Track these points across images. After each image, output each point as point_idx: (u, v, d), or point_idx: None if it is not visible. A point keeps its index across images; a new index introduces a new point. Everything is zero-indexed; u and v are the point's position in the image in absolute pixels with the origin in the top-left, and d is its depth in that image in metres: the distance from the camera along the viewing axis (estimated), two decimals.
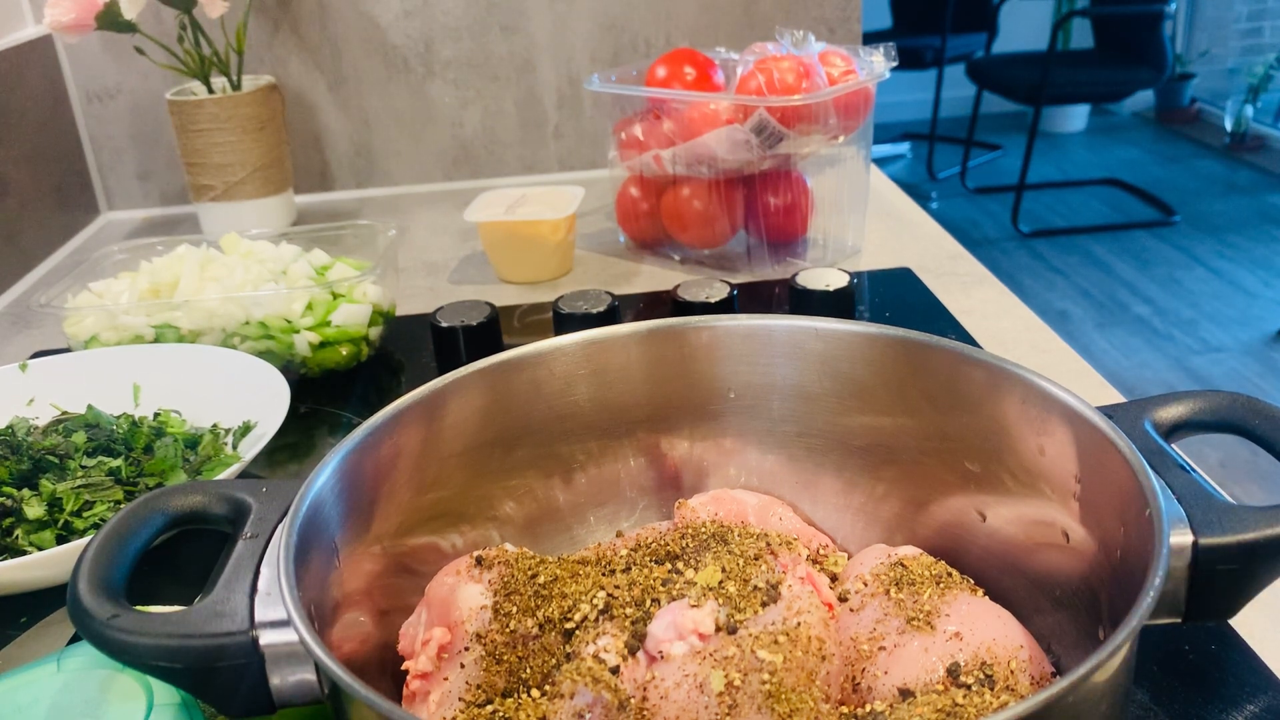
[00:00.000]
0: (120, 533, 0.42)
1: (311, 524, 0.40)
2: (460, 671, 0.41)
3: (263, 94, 1.08)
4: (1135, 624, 0.32)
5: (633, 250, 1.02)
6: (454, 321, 0.77)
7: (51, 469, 0.60)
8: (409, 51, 1.21)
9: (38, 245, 1.10)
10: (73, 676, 0.42)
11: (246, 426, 0.65)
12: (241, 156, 1.07)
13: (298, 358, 0.76)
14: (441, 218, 1.16)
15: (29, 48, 1.12)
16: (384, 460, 0.45)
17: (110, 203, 1.25)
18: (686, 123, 0.91)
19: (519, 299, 0.93)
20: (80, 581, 0.39)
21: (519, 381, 0.50)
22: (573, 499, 0.52)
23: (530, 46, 1.22)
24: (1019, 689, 0.39)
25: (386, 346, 0.83)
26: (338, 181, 1.26)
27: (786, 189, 0.95)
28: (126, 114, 1.21)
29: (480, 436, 0.49)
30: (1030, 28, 4.26)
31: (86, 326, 0.77)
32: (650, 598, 0.42)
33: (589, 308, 0.78)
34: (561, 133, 1.26)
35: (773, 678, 0.37)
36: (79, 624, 0.38)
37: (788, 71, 0.87)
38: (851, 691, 0.40)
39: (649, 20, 1.21)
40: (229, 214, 1.08)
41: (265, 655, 0.37)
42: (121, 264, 0.85)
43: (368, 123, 1.24)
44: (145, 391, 0.70)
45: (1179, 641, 0.48)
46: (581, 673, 0.38)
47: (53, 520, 0.57)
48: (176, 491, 0.44)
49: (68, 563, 0.52)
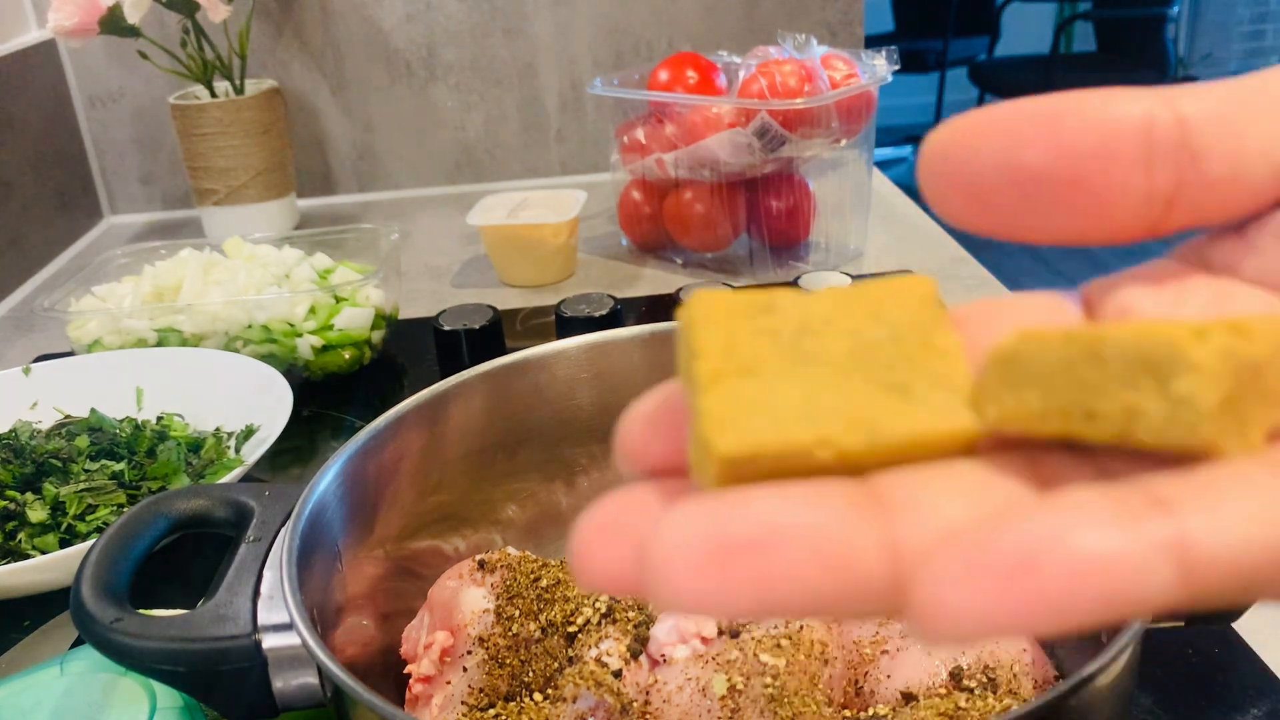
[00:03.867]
0: (123, 536, 0.42)
1: (314, 528, 0.40)
2: (463, 675, 0.41)
3: (265, 98, 1.08)
4: (1138, 627, 0.32)
5: (635, 254, 1.02)
6: (456, 325, 0.77)
7: (55, 472, 0.60)
8: (411, 55, 1.21)
9: (41, 249, 1.11)
10: (76, 680, 0.42)
11: (249, 430, 0.65)
12: (244, 160, 1.07)
13: (300, 361, 0.76)
14: (444, 221, 1.16)
15: (32, 52, 1.12)
16: (387, 464, 0.45)
17: (113, 207, 1.26)
18: (688, 126, 0.91)
19: (522, 302, 0.93)
20: (83, 585, 0.39)
21: (522, 385, 0.50)
22: (575, 502, 0.52)
23: (532, 50, 1.22)
24: (1022, 693, 0.38)
25: (389, 350, 0.83)
26: (340, 185, 1.27)
27: (789, 192, 0.95)
28: (129, 118, 1.22)
29: (483, 440, 0.49)
30: (1033, 31, 4.26)
31: (90, 330, 0.77)
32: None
33: (591, 311, 0.78)
34: (564, 136, 1.26)
35: (775, 681, 0.37)
36: (82, 627, 0.38)
37: (790, 75, 0.87)
38: (854, 695, 0.40)
39: (651, 24, 1.21)
40: (232, 218, 1.08)
41: (268, 659, 0.37)
42: (124, 268, 0.85)
43: (370, 127, 1.24)
44: (148, 395, 0.71)
45: (1182, 645, 0.48)
46: (584, 676, 0.38)
47: (56, 524, 0.57)
48: (179, 495, 0.44)
49: (71, 566, 0.52)
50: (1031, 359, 0.15)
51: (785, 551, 0.14)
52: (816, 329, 0.16)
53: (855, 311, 0.16)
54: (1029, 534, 0.13)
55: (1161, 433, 0.14)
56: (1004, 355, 0.15)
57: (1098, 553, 0.12)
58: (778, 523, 0.14)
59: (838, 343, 0.16)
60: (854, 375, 0.16)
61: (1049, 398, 0.15)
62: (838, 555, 0.14)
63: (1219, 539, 0.13)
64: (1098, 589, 0.12)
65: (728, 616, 0.15)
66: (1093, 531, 0.13)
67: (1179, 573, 0.13)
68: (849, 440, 0.15)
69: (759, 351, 0.16)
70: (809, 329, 0.16)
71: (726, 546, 0.14)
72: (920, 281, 0.17)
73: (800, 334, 0.16)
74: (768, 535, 0.14)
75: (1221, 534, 0.13)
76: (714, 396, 0.15)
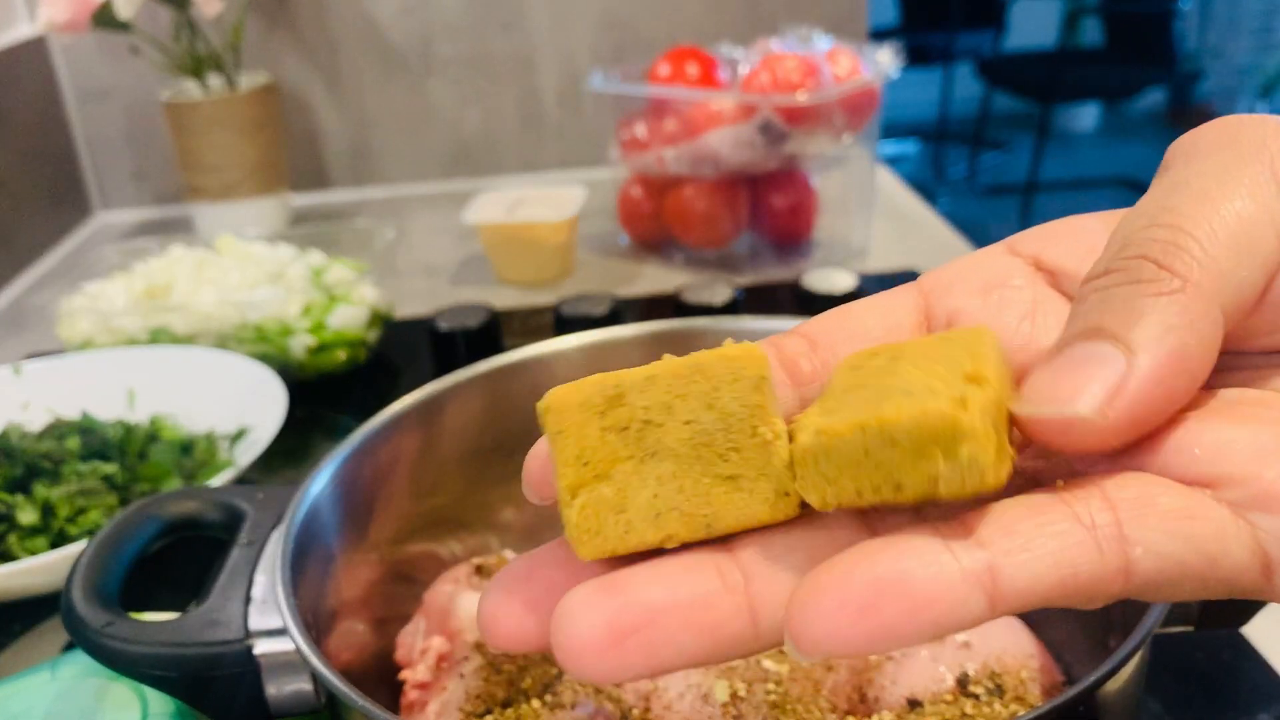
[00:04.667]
0: (115, 539, 0.41)
1: (308, 531, 0.40)
2: (459, 681, 0.40)
3: (259, 94, 1.07)
4: (1146, 632, 0.32)
5: (635, 251, 1.01)
6: (453, 325, 0.76)
7: (45, 474, 0.59)
8: (407, 49, 1.20)
9: (31, 246, 1.10)
10: (67, 684, 0.41)
11: (242, 431, 0.65)
12: (237, 157, 1.06)
13: (294, 361, 0.75)
14: (440, 218, 1.15)
15: (23, 48, 1.12)
16: (381, 466, 0.45)
17: (104, 203, 1.25)
18: (689, 122, 0.90)
19: (520, 301, 0.92)
20: (74, 588, 0.38)
21: (519, 385, 0.49)
22: None
23: (530, 44, 1.21)
24: (1029, 699, 0.38)
25: (384, 350, 0.83)
26: (335, 181, 1.26)
27: (791, 189, 0.94)
28: (121, 114, 1.21)
29: (480, 442, 0.49)
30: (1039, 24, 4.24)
31: (80, 329, 0.76)
32: None
33: (591, 310, 0.77)
34: (562, 132, 1.25)
35: (778, 688, 0.37)
36: (73, 631, 0.37)
37: (793, 70, 0.86)
38: (858, 702, 0.39)
39: (651, 17, 1.21)
40: (224, 214, 1.07)
41: (261, 664, 0.36)
42: (116, 266, 0.84)
43: (365, 122, 1.23)
44: (140, 395, 0.70)
45: (1191, 650, 0.47)
46: (583, 683, 0.37)
47: (46, 526, 0.56)
48: (171, 498, 0.44)
49: (62, 569, 0.51)
50: (835, 452, 0.18)
51: (665, 627, 0.17)
52: (659, 420, 0.19)
53: (693, 396, 0.19)
54: (876, 572, 0.16)
55: (960, 488, 0.17)
56: (811, 452, 0.18)
57: (929, 588, 0.16)
58: (657, 604, 0.18)
59: (677, 434, 0.19)
60: (693, 468, 0.19)
61: (861, 479, 0.18)
62: (707, 622, 0.18)
63: (1019, 573, 0.17)
64: (928, 617, 0.16)
65: (626, 680, 0.19)
66: (927, 569, 0.16)
67: (988, 601, 0.16)
68: (690, 535, 0.19)
69: (611, 452, 0.19)
70: (652, 422, 0.19)
71: (620, 631, 0.17)
72: (752, 361, 0.19)
73: (645, 428, 0.19)
74: (651, 616, 0.17)
75: (1021, 569, 0.17)
76: (575, 509, 0.19)
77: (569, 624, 0.17)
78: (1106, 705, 0.32)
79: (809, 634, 0.16)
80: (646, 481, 0.19)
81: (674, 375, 0.19)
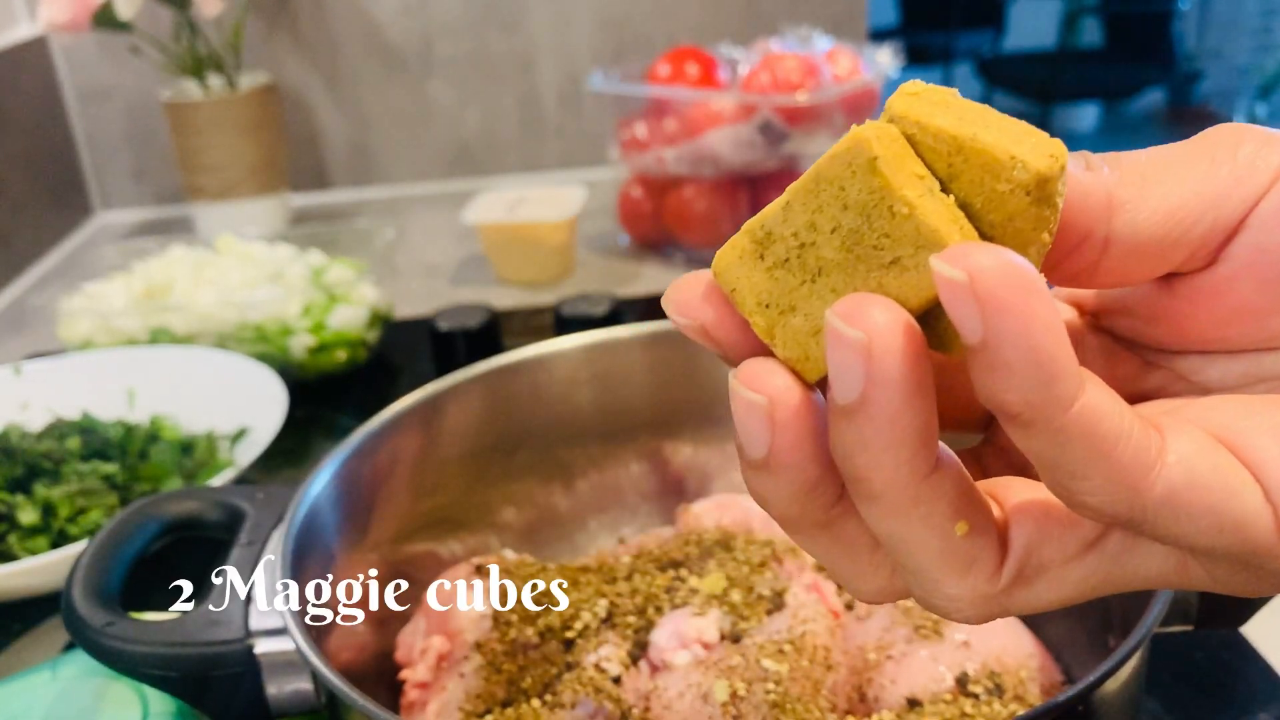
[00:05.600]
0: (115, 539, 0.41)
1: (308, 531, 0.40)
2: (459, 681, 0.40)
3: (259, 94, 1.07)
4: (1146, 631, 0.32)
5: (635, 251, 1.01)
6: (453, 325, 0.76)
7: (46, 474, 0.59)
8: (407, 50, 1.20)
9: (31, 246, 1.10)
10: (67, 684, 0.41)
11: (242, 431, 0.65)
12: (237, 157, 1.06)
13: (294, 361, 0.75)
14: (440, 218, 1.15)
15: (24, 48, 1.12)
16: (381, 466, 0.45)
17: (104, 203, 1.25)
18: (689, 122, 0.90)
19: (520, 301, 0.92)
20: (75, 588, 0.38)
21: (519, 385, 0.49)
22: (574, 505, 0.52)
23: (530, 44, 1.21)
24: (1028, 698, 0.38)
25: (384, 350, 0.83)
26: (335, 181, 1.26)
27: None
28: (121, 114, 1.21)
29: (479, 442, 0.49)
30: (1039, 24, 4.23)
31: (80, 329, 0.76)
32: (653, 606, 0.41)
33: (591, 310, 0.77)
34: (562, 132, 1.25)
35: (778, 687, 0.37)
36: (73, 631, 0.37)
37: (793, 70, 0.86)
38: (858, 701, 0.39)
39: (651, 17, 1.21)
40: (224, 214, 1.07)
41: (261, 664, 0.36)
42: (116, 266, 0.84)
43: (365, 122, 1.23)
44: (140, 395, 0.70)
45: (1190, 649, 0.47)
46: (583, 682, 0.37)
47: (47, 526, 0.56)
48: (171, 498, 0.44)
49: (62, 569, 0.51)
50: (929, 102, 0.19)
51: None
52: (810, 240, 0.19)
53: (826, 205, 0.19)
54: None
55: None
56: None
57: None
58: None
59: (830, 244, 0.19)
60: (858, 268, 0.19)
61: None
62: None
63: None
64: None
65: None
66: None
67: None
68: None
69: (784, 287, 0.20)
70: (805, 244, 0.20)
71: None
72: (858, 147, 0.19)
73: (802, 251, 0.20)
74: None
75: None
76: (778, 348, 0.20)
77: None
78: (1106, 705, 0.32)
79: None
80: (825, 297, 0.19)
81: (803, 194, 0.19)
